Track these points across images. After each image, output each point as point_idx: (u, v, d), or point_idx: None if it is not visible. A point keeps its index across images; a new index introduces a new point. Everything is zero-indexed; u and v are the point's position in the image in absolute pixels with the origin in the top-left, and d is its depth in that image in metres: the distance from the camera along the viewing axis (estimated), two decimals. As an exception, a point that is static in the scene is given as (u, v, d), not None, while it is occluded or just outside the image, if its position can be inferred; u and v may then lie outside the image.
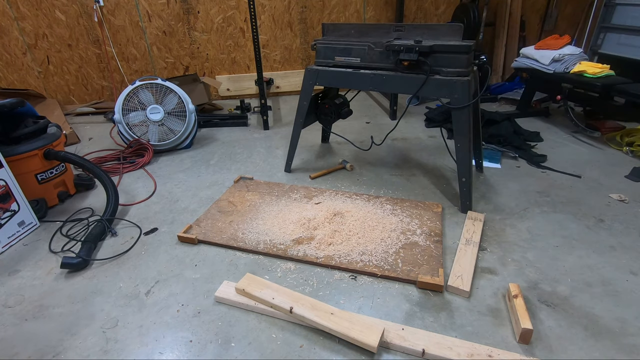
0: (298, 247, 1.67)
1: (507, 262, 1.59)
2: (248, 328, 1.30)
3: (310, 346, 1.23)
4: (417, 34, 1.95)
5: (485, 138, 2.70)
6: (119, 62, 3.98)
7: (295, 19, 4.08)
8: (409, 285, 1.47)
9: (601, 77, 2.66)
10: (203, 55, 4.12)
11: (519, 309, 1.27)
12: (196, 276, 1.56)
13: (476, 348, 1.17)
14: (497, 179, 2.29)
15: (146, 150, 2.70)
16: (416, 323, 1.31)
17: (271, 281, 1.45)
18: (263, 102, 3.27)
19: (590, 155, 2.58)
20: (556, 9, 4.23)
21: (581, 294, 1.41)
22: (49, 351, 1.25)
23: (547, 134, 2.95)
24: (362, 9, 4.13)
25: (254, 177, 2.37)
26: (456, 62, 1.77)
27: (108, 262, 1.67)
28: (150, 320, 1.36)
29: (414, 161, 2.58)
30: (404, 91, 1.98)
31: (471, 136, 1.88)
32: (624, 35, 3.44)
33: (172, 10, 3.85)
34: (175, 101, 2.78)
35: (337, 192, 2.16)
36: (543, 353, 1.19)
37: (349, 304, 1.40)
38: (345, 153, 2.75)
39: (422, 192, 2.16)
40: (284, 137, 3.08)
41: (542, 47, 3.09)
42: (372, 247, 1.66)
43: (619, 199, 2.02)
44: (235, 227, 1.84)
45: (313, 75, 2.13)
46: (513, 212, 1.94)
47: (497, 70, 4.22)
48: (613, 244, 1.68)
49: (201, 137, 3.17)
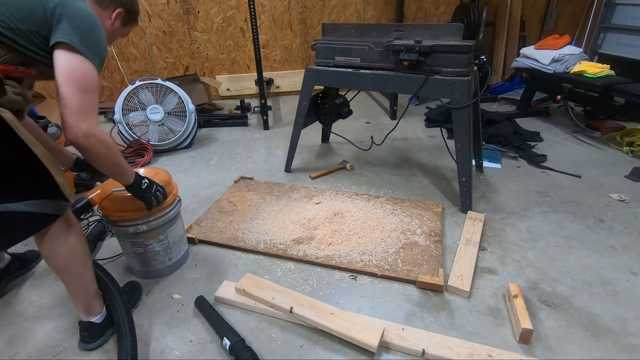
0: (298, 247, 1.67)
1: (507, 262, 1.59)
2: (248, 328, 1.30)
3: (310, 346, 1.23)
4: (417, 34, 1.95)
5: (485, 138, 2.70)
6: (119, 62, 3.98)
7: (295, 19, 4.08)
8: (409, 285, 1.47)
9: (601, 77, 2.66)
10: (203, 55, 4.12)
11: (519, 309, 1.27)
12: (196, 276, 1.56)
13: (476, 348, 1.17)
14: (497, 179, 2.29)
15: (146, 150, 2.70)
16: (416, 323, 1.31)
17: (271, 281, 1.45)
18: (263, 102, 3.27)
19: (590, 155, 2.58)
20: (556, 9, 4.23)
21: (581, 294, 1.41)
22: (49, 350, 1.25)
23: (547, 134, 2.95)
24: (362, 9, 4.13)
25: (254, 177, 2.37)
26: (456, 62, 1.77)
27: (108, 262, 1.67)
28: (150, 320, 1.36)
29: (414, 161, 2.58)
30: (404, 91, 1.98)
31: (471, 136, 1.88)
32: (624, 35, 3.44)
33: (172, 10, 3.85)
34: (175, 101, 2.78)
35: (337, 192, 2.16)
36: (543, 353, 1.19)
37: (349, 304, 1.40)
38: (345, 153, 2.75)
39: (422, 192, 2.16)
40: (284, 137, 3.08)
41: (542, 47, 3.09)
42: (372, 247, 1.66)
43: (619, 199, 2.02)
44: (236, 227, 1.84)
45: (313, 75, 2.13)
46: (513, 212, 1.94)
47: (497, 70, 4.22)
48: (613, 244, 1.68)
49: (201, 137, 3.17)
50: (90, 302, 1.23)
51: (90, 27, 1.01)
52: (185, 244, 1.65)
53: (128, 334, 1.17)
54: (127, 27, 1.30)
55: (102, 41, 1.06)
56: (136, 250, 1.46)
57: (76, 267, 1.15)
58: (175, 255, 1.56)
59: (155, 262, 1.51)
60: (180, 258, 1.60)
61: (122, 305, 1.24)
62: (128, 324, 1.19)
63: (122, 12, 1.21)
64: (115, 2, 1.19)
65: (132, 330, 1.19)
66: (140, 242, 1.44)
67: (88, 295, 1.21)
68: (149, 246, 1.46)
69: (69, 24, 0.97)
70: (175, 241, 1.54)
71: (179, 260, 1.59)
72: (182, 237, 1.60)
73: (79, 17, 0.99)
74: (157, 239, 1.46)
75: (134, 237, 1.43)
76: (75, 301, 1.21)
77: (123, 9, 1.21)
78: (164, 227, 1.46)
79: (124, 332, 1.17)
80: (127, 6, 1.23)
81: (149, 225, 1.40)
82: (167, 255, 1.53)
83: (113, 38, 1.28)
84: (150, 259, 1.49)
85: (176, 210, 1.50)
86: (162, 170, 1.51)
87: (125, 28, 1.29)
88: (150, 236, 1.44)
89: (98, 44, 1.03)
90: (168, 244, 1.50)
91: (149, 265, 1.51)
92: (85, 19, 1.00)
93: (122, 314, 1.21)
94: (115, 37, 1.29)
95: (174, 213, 1.48)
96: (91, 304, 1.23)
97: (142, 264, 1.51)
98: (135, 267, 1.56)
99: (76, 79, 0.98)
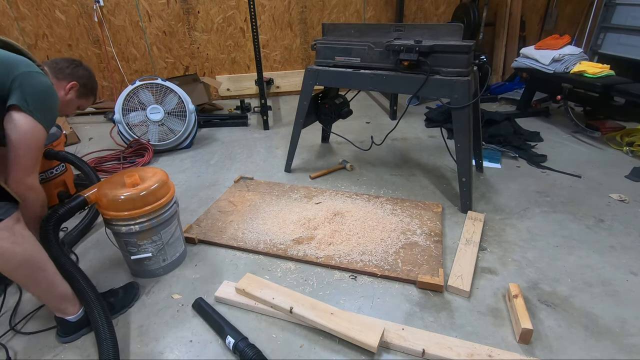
0: (298, 247, 1.67)
1: (507, 262, 1.59)
2: (248, 328, 1.30)
3: (310, 346, 1.23)
4: (417, 34, 1.95)
5: (485, 138, 2.70)
6: (119, 62, 3.99)
7: (295, 19, 4.08)
8: (409, 285, 1.47)
9: (601, 77, 2.66)
10: (203, 55, 4.12)
11: (519, 309, 1.27)
12: (196, 276, 1.56)
13: (476, 348, 1.17)
14: (497, 179, 2.29)
15: (146, 150, 2.70)
16: (416, 323, 1.31)
17: (271, 281, 1.45)
18: (263, 102, 3.27)
19: (590, 155, 2.58)
20: (556, 9, 4.23)
21: (581, 294, 1.41)
22: (49, 351, 1.25)
23: (547, 134, 2.95)
24: (362, 9, 4.13)
25: (254, 177, 2.37)
26: (456, 62, 1.77)
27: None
28: (150, 320, 1.36)
29: (414, 161, 2.58)
30: (404, 91, 1.98)
31: (471, 136, 1.88)
32: (624, 35, 3.44)
33: (172, 10, 3.85)
34: (175, 101, 2.78)
35: (337, 192, 2.16)
36: (543, 353, 1.19)
37: (349, 304, 1.40)
38: (345, 153, 2.75)
39: (422, 192, 2.16)
40: (284, 137, 3.08)
41: (542, 47, 3.09)
42: (372, 247, 1.66)
43: (619, 199, 2.02)
44: (235, 227, 1.84)
45: (313, 75, 2.13)
46: (513, 212, 1.94)
47: (497, 70, 4.22)
48: (613, 244, 1.68)
49: (201, 137, 3.17)
50: (57, 305, 1.21)
51: (43, 95, 1.17)
52: (182, 245, 1.64)
53: (108, 339, 1.15)
54: (82, 100, 1.49)
55: (53, 108, 1.23)
56: (130, 249, 1.47)
57: (21, 278, 1.10)
58: (169, 257, 1.56)
59: (149, 262, 1.51)
60: (175, 259, 1.59)
61: (101, 312, 1.21)
62: (108, 330, 1.18)
63: (77, 85, 1.43)
64: (70, 76, 1.41)
65: (112, 335, 1.17)
66: (134, 242, 1.45)
67: (52, 299, 1.20)
68: (142, 246, 1.46)
69: (22, 91, 1.12)
70: (170, 242, 1.53)
71: (174, 262, 1.59)
72: (179, 239, 1.59)
73: (35, 86, 1.15)
74: (151, 239, 1.46)
75: (127, 237, 1.44)
76: (42, 301, 1.22)
77: (77, 83, 1.43)
78: (157, 229, 1.46)
79: (103, 337, 1.15)
80: (82, 81, 1.45)
81: (142, 226, 1.41)
82: (160, 256, 1.52)
83: (68, 107, 1.46)
84: (144, 259, 1.49)
85: (171, 211, 1.49)
86: (160, 171, 1.51)
87: (80, 100, 1.49)
88: (143, 237, 1.44)
89: (48, 110, 1.20)
90: (162, 245, 1.50)
91: (142, 265, 1.52)
92: (39, 89, 1.16)
93: (102, 322, 1.19)
94: (70, 106, 1.47)
95: (168, 215, 1.47)
96: (60, 307, 1.22)
97: (136, 263, 1.52)
98: (130, 266, 1.56)
99: (26, 137, 1.12)
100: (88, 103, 1.55)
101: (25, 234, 1.08)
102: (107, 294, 1.38)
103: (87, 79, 1.47)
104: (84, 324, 1.28)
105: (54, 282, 1.18)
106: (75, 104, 1.48)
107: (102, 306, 1.23)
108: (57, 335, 1.28)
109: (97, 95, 1.59)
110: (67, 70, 1.41)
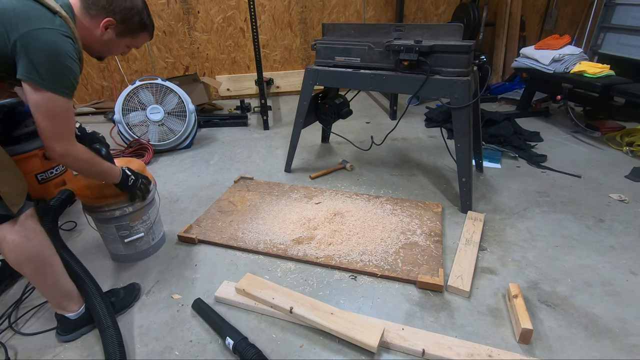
0: (298, 247, 1.67)
1: (507, 262, 1.59)
2: (248, 328, 1.30)
3: (310, 346, 1.23)
4: (417, 34, 1.95)
5: (485, 138, 2.70)
6: (119, 62, 3.98)
7: (295, 19, 4.08)
8: (409, 285, 1.47)
9: (601, 77, 2.66)
10: (203, 55, 4.12)
11: (519, 309, 1.27)
12: (196, 276, 1.56)
13: (476, 348, 1.17)
14: (497, 179, 2.29)
15: (146, 150, 2.70)
16: (416, 323, 1.31)
17: (271, 281, 1.45)
18: (263, 102, 3.27)
19: (590, 155, 2.58)
20: (556, 9, 4.23)
21: (581, 294, 1.41)
22: (49, 351, 1.25)
23: (547, 134, 2.95)
24: (362, 9, 4.13)
25: (254, 177, 2.37)
26: (456, 62, 1.77)
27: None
28: (150, 320, 1.36)
29: (414, 161, 2.58)
30: (404, 91, 1.98)
31: (471, 136, 1.88)
32: (624, 35, 3.44)
33: (172, 10, 3.85)
34: (175, 101, 2.78)
35: (337, 192, 2.16)
36: (543, 353, 1.19)
37: (349, 304, 1.40)
38: (345, 153, 2.75)
39: (422, 192, 2.16)
40: (284, 137, 3.08)
41: (542, 47, 3.09)
42: (372, 247, 1.66)
43: (619, 199, 2.02)
44: (235, 227, 1.84)
45: (313, 75, 2.13)
46: (513, 212, 1.94)
47: (497, 70, 4.22)
48: (613, 244, 1.68)
49: (201, 137, 3.17)
50: (60, 301, 1.23)
51: (51, 59, 1.00)
52: (162, 224, 1.79)
53: (114, 339, 1.17)
54: (128, 39, 1.22)
55: (66, 69, 1.04)
56: (122, 234, 1.54)
57: (29, 272, 1.13)
58: (157, 235, 1.70)
59: (140, 242, 1.62)
60: (160, 238, 1.73)
61: (106, 311, 1.23)
62: (114, 330, 1.19)
63: (113, 21, 1.15)
64: (105, 10, 1.13)
65: (117, 332, 1.19)
66: (126, 225, 1.54)
67: (56, 295, 1.21)
68: (134, 228, 1.56)
69: (29, 59, 0.97)
70: (156, 221, 1.68)
71: (159, 241, 1.72)
72: (159, 218, 1.74)
73: (39, 50, 0.98)
74: (141, 219, 1.58)
75: (119, 221, 1.52)
76: (45, 296, 1.22)
77: (114, 19, 1.15)
78: (146, 208, 1.59)
79: (109, 337, 1.17)
80: (120, 16, 1.15)
81: (134, 206, 1.52)
82: (150, 235, 1.65)
83: (111, 48, 1.22)
84: (136, 240, 1.59)
85: (154, 192, 1.63)
86: (135, 160, 1.61)
87: (125, 39, 1.22)
88: (135, 217, 1.55)
89: (61, 74, 1.03)
90: (150, 224, 1.63)
91: (134, 247, 1.61)
92: (44, 52, 0.98)
93: (107, 322, 1.21)
94: (114, 47, 1.23)
95: (152, 194, 1.61)
96: (62, 303, 1.23)
97: (127, 247, 1.60)
98: (119, 252, 1.62)
99: (42, 110, 1.03)
100: (139, 41, 1.26)
101: (37, 229, 1.12)
102: (108, 293, 1.39)
103: (127, 12, 1.16)
104: (84, 322, 1.28)
105: (60, 278, 1.21)
106: (120, 43, 1.22)
107: (107, 305, 1.25)
108: (57, 334, 1.28)
109: (152, 33, 1.29)
110: (100, 3, 1.12)
